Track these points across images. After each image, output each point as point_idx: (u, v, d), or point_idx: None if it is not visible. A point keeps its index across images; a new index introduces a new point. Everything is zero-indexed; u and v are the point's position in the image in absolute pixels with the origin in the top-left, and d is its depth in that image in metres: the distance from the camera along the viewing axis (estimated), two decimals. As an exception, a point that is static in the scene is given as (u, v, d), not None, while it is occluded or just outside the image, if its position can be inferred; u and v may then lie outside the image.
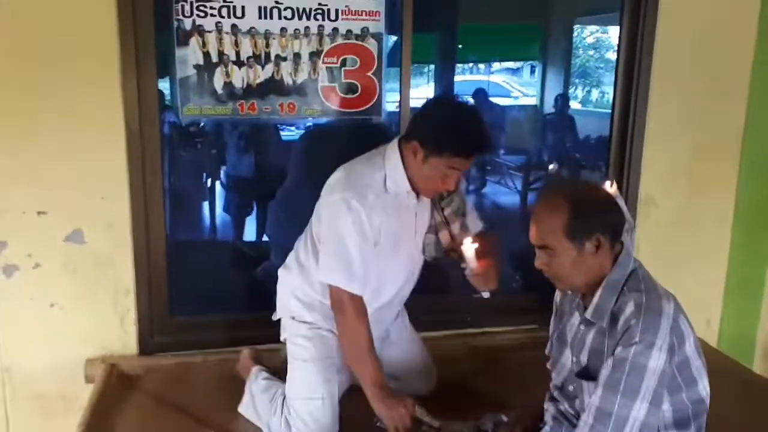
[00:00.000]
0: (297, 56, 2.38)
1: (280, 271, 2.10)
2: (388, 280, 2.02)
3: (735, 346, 2.95)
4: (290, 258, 2.09)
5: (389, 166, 1.88)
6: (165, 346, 2.49)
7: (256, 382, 2.11)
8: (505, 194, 7.20)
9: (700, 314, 2.94)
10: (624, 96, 2.79)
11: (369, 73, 2.46)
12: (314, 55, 2.40)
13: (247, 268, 3.53)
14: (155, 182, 2.37)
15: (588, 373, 1.54)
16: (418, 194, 1.94)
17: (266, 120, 2.42)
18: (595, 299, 1.52)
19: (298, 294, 2.03)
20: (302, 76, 2.41)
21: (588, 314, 1.53)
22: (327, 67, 2.42)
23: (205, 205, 5.09)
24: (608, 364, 1.44)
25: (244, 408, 2.10)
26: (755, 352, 3.06)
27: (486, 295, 1.96)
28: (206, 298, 2.86)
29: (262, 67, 2.37)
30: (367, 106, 2.49)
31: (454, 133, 1.79)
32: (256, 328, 2.49)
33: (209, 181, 5.18)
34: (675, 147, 2.81)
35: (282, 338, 2.09)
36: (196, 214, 4.96)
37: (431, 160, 1.81)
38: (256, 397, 2.07)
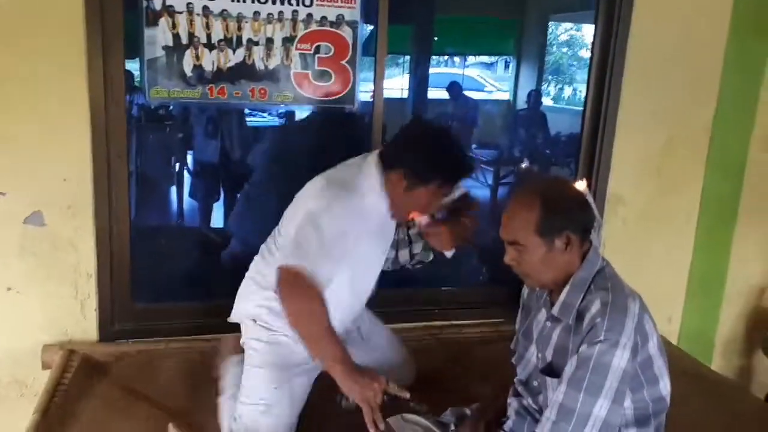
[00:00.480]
0: (270, 41, 2.34)
1: (247, 280, 2.02)
2: (361, 291, 2.00)
3: (695, 344, 3.01)
4: (258, 266, 2.01)
5: (368, 187, 1.84)
6: (126, 333, 2.43)
7: (228, 376, 2.04)
8: (475, 188, 7.23)
9: (662, 311, 2.99)
10: (596, 93, 2.81)
11: (343, 62, 2.43)
12: (287, 41, 2.36)
13: (213, 254, 3.49)
14: (120, 165, 2.31)
15: (552, 370, 1.55)
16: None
17: (236, 105, 2.37)
18: (562, 296, 1.53)
19: (265, 302, 1.93)
20: (274, 62, 2.36)
21: (554, 311, 1.54)
22: (300, 54, 2.38)
23: (172, 189, 5.00)
24: (572, 362, 1.45)
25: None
26: (714, 350, 3.13)
27: (448, 255, 2.00)
28: (170, 285, 2.82)
29: (234, 51, 2.32)
30: (340, 95, 2.46)
31: (439, 163, 1.81)
32: (221, 316, 2.46)
33: (176, 165, 5.10)
34: (644, 144, 2.84)
35: (241, 341, 2.02)
36: (161, 198, 4.86)
37: (416, 190, 1.82)
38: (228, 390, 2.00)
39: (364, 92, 2.59)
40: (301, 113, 2.51)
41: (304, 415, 1.93)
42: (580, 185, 2.51)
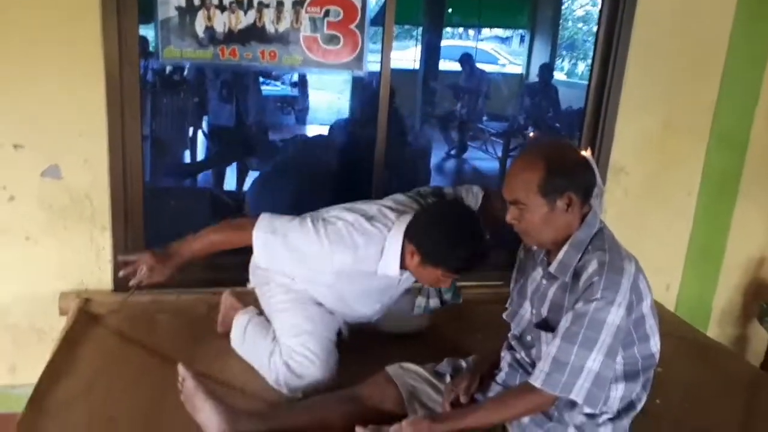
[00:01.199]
0: (280, 4, 2.38)
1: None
2: (355, 313, 2.11)
3: (692, 312, 3.08)
4: None
5: (388, 251, 1.90)
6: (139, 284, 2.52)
7: (251, 324, 2.14)
8: (484, 160, 7.27)
9: (660, 279, 3.05)
10: (602, 66, 2.83)
11: (352, 26, 2.47)
12: (297, 4, 2.40)
13: (226, 215, 3.57)
14: (133, 122, 2.38)
15: (547, 325, 1.60)
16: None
17: (247, 66, 2.42)
18: (560, 255, 1.58)
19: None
20: (284, 25, 2.41)
21: (552, 269, 1.59)
22: (310, 17, 2.42)
23: (186, 153, 5.09)
24: (568, 317, 1.50)
25: (237, 343, 2.14)
26: (710, 319, 3.20)
27: None
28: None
29: (245, 13, 2.37)
30: (348, 59, 2.50)
31: (452, 252, 1.84)
32: (232, 271, 2.55)
33: (191, 130, 5.18)
34: (648, 119, 2.87)
35: (251, 285, 2.17)
36: (176, 161, 4.96)
37: (427, 266, 1.87)
38: (254, 338, 2.10)
39: (374, 62, 2.62)
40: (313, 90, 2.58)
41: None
42: (584, 151, 2.57)
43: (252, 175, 4.48)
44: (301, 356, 1.94)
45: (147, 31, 2.40)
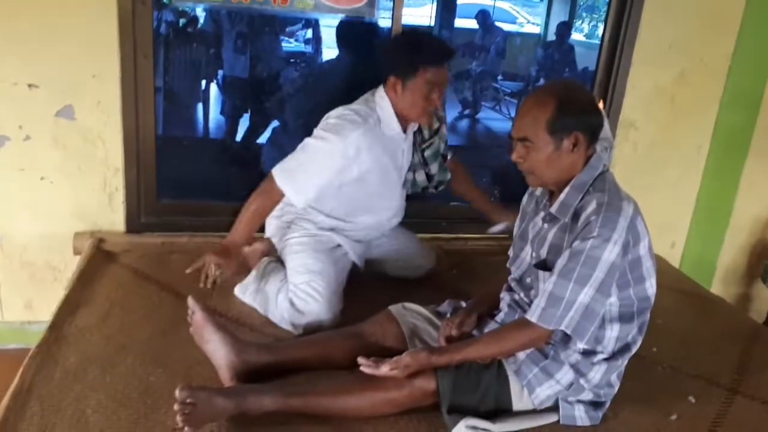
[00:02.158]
0: (293, -53, 2.38)
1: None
2: (381, 207, 2.23)
3: (696, 270, 3.10)
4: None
5: (380, 110, 2.07)
6: (152, 226, 2.59)
7: (266, 267, 2.22)
8: (498, 120, 7.22)
9: (666, 236, 3.08)
10: (616, 20, 2.80)
11: (364, -29, 2.47)
12: (309, -52, 2.40)
13: (238, 164, 3.62)
14: (146, 65, 2.41)
15: (545, 265, 1.64)
16: (405, 131, 2.14)
17: (258, 10, 2.43)
18: (562, 196, 1.61)
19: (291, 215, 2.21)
20: (297, -32, 2.41)
21: (553, 209, 1.63)
22: (322, -39, 2.42)
23: (199, 104, 5.11)
24: (565, 255, 1.54)
25: (240, 290, 2.19)
26: (714, 277, 3.22)
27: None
28: (195, 186, 2.94)
29: (257, -44, 2.37)
30: (360, 5, 2.50)
31: (416, 49, 2.00)
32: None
33: (204, 82, 5.19)
34: (661, 73, 2.85)
35: (267, 235, 2.27)
36: (189, 112, 4.99)
37: (409, 84, 2.00)
38: (265, 278, 2.18)
39: (386, 18, 2.60)
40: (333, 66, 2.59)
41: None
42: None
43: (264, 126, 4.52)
44: (305, 293, 2.02)
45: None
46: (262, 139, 4.09)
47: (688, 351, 2.10)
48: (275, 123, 4.05)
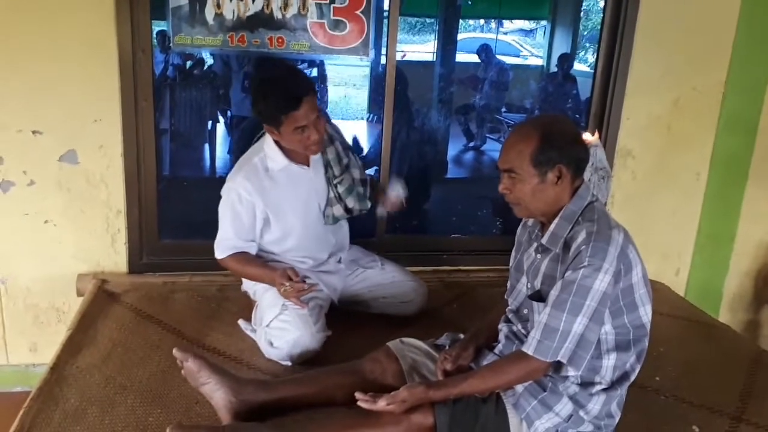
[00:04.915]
0: (287, -9, 2.45)
1: None
2: (312, 244, 2.25)
3: (702, 297, 3.07)
4: None
5: (267, 148, 2.12)
6: (153, 266, 2.62)
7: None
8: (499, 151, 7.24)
9: (670, 263, 3.07)
10: (608, 50, 2.85)
11: (358, 12, 2.52)
12: (304, -9, 2.46)
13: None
14: (147, 109, 2.47)
15: (540, 296, 1.65)
16: (308, 163, 2.17)
17: (255, 53, 2.49)
18: (552, 227, 1.63)
19: None
20: (291, 11, 2.47)
21: (544, 240, 1.64)
22: (316, 3, 2.48)
23: (206, 144, 5.20)
24: (557, 286, 1.55)
25: (244, 325, 2.23)
26: (721, 304, 3.18)
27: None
28: (196, 226, 2.97)
29: (253, 0, 2.43)
30: (354, 45, 2.56)
31: (271, 100, 1.98)
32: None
33: (210, 123, 5.28)
34: (655, 102, 2.88)
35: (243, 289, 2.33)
36: (196, 152, 5.07)
37: (281, 130, 2.01)
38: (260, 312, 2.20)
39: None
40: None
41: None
42: (592, 136, 2.57)
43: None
44: (277, 329, 2.05)
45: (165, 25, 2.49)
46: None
47: (691, 380, 2.08)
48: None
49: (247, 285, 2.29)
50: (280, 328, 2.05)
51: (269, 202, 2.11)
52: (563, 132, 1.63)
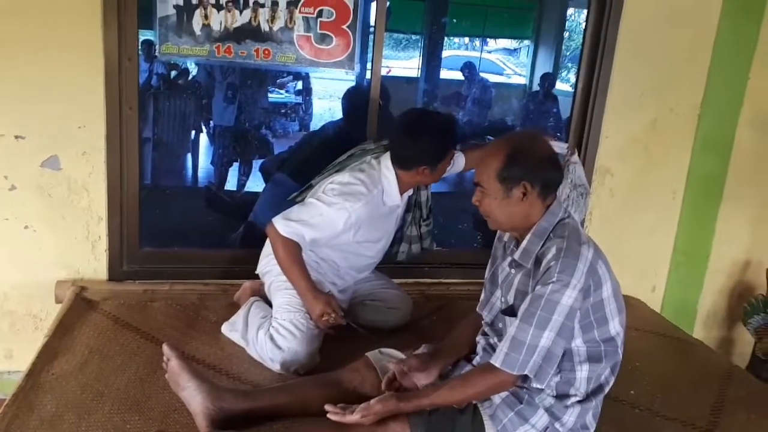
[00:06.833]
0: (275, 3, 2.47)
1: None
2: (362, 263, 2.35)
3: (677, 314, 3.12)
4: None
5: (386, 181, 2.19)
6: (134, 274, 2.61)
7: (253, 306, 2.28)
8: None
9: (646, 281, 3.11)
10: (588, 70, 2.91)
11: (344, 26, 2.55)
12: (291, 4, 2.48)
13: (224, 213, 3.66)
14: (132, 117, 2.47)
15: (512, 311, 1.68)
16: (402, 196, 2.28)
17: (241, 64, 2.51)
18: (524, 243, 1.66)
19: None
20: (278, 24, 2.49)
21: (516, 256, 1.67)
22: (303, 17, 2.51)
23: (189, 154, 5.19)
24: (527, 300, 1.58)
25: (228, 328, 2.25)
26: (696, 321, 3.24)
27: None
28: (177, 235, 2.98)
29: (240, 12, 2.45)
30: (340, 58, 2.59)
31: (448, 138, 2.18)
32: (222, 264, 2.63)
33: (193, 132, 5.28)
34: (634, 121, 2.94)
35: (258, 271, 2.33)
36: (179, 161, 5.06)
37: (439, 166, 2.18)
38: (249, 317, 2.23)
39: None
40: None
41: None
42: (572, 155, 2.60)
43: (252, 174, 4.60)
44: (286, 330, 2.07)
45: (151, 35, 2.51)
46: (249, 187, 4.16)
47: (665, 394, 2.11)
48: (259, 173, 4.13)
49: (266, 268, 2.29)
50: (289, 331, 2.08)
51: (367, 227, 2.20)
52: (532, 150, 1.66)
